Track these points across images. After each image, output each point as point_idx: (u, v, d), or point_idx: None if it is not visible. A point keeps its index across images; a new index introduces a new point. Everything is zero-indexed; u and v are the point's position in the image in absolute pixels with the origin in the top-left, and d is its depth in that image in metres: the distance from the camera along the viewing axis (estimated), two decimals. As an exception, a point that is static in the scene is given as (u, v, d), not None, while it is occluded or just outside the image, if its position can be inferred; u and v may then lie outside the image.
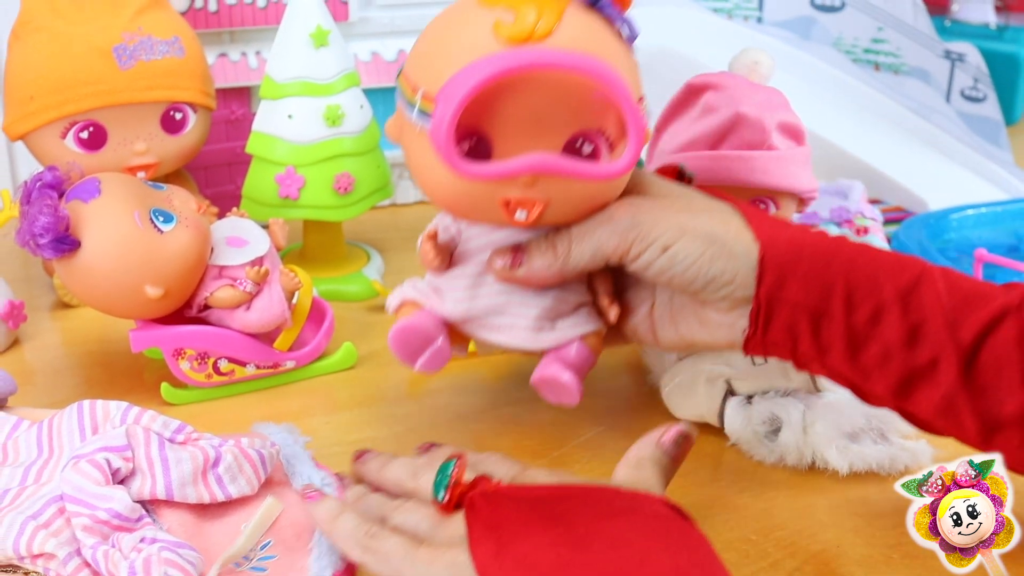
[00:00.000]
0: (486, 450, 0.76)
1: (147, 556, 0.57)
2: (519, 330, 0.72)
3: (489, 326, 0.73)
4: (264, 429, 0.71)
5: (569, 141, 0.67)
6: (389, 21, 1.10)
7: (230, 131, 1.08)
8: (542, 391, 0.74)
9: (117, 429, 0.64)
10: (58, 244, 0.74)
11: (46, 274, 1.00)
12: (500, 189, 0.66)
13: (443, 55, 0.65)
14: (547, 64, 0.63)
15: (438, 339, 0.72)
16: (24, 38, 0.90)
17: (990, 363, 0.62)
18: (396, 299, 0.75)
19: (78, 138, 0.90)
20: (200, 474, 0.63)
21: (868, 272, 0.65)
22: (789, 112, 0.87)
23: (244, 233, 0.84)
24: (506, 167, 0.65)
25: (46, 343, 0.92)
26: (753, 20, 1.27)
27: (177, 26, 0.93)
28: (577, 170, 0.65)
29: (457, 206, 0.69)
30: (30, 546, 0.59)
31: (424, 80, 0.66)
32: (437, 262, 0.71)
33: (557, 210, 0.67)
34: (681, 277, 0.67)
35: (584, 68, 0.63)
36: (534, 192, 0.66)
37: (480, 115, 0.64)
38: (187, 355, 0.81)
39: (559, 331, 0.72)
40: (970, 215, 1.10)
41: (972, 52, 1.22)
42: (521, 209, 0.67)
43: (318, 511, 0.64)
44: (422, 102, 0.65)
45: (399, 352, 0.72)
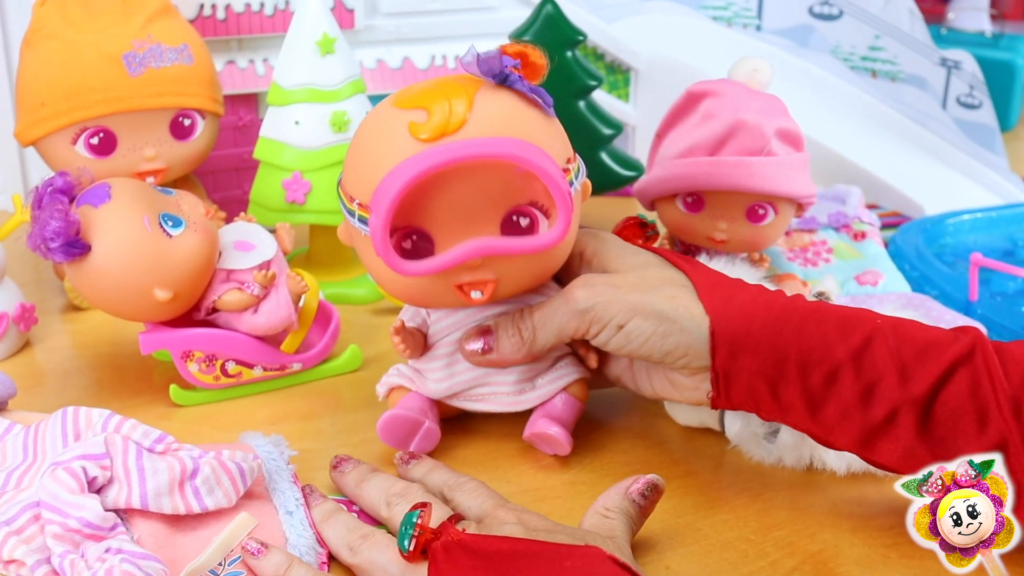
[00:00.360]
0: (487, 451, 0.76)
1: (109, 567, 0.56)
2: (502, 396, 0.75)
3: (473, 397, 0.76)
4: (251, 440, 0.71)
5: (505, 218, 0.68)
6: (394, 29, 1.10)
7: (238, 137, 1.07)
8: (535, 444, 0.76)
9: (97, 437, 0.63)
10: (69, 248, 0.74)
11: (57, 277, 1.00)
12: (451, 276, 0.68)
13: (369, 163, 0.67)
14: (463, 157, 0.64)
15: (424, 424, 0.74)
16: (36, 45, 0.90)
17: (946, 415, 0.63)
18: (384, 387, 0.78)
19: (88, 144, 0.90)
20: (177, 485, 0.63)
21: (819, 336, 0.66)
22: (788, 119, 0.87)
23: (251, 237, 0.83)
24: (445, 260, 0.66)
25: (57, 345, 0.91)
26: (752, 28, 1.27)
27: (186, 34, 0.93)
28: (514, 247, 0.67)
29: (415, 298, 0.72)
30: (1, 552, 0.58)
31: (357, 191, 0.68)
32: (409, 352, 0.74)
33: (509, 283, 0.70)
34: (638, 351, 0.69)
35: (499, 153, 0.64)
36: (483, 273, 0.68)
37: (414, 213, 0.66)
38: (195, 357, 0.81)
39: (541, 388, 0.75)
40: (966, 220, 1.10)
41: (968, 60, 1.21)
42: (475, 290, 0.69)
43: (315, 512, 0.67)
44: (359, 210, 0.67)
45: (390, 442, 0.75)
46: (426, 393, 0.76)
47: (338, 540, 0.64)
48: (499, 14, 1.11)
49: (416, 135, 0.65)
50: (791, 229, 1.04)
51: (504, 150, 0.64)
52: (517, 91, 0.67)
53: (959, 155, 1.21)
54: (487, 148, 0.64)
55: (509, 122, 0.66)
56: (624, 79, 1.22)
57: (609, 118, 1.04)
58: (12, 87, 1.08)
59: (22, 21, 0.99)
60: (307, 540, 0.65)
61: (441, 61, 1.11)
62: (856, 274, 0.98)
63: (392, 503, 0.66)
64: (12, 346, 0.89)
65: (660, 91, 1.18)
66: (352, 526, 0.65)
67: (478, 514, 0.64)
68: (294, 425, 0.79)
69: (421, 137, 0.65)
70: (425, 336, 0.75)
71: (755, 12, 1.26)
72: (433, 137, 0.65)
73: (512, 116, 0.66)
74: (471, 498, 0.66)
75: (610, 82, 1.21)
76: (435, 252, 0.67)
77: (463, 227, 0.67)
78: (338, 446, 0.77)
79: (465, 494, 0.67)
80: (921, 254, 1.00)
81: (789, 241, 1.03)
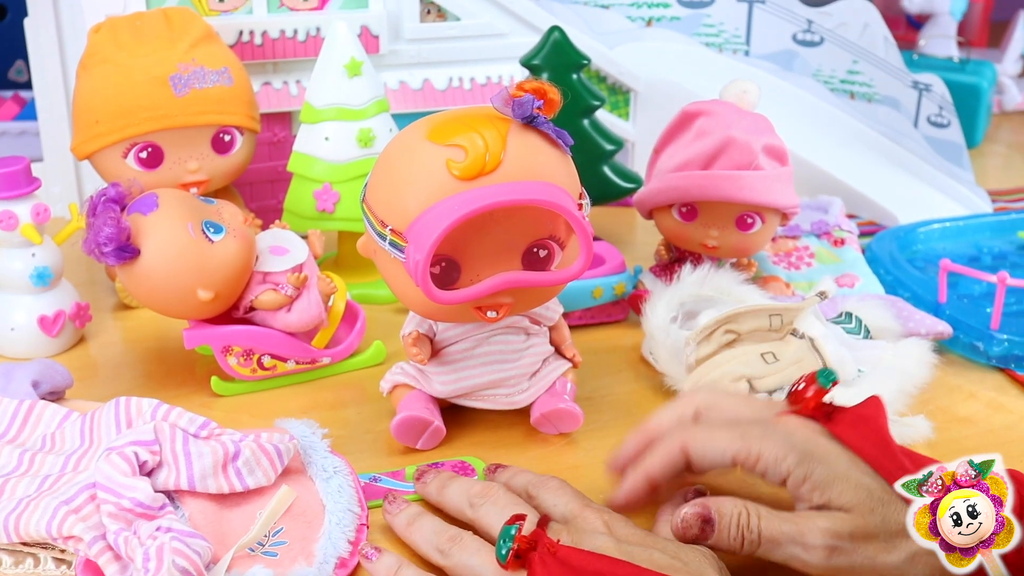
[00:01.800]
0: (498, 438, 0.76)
1: (160, 544, 0.57)
2: (502, 397, 0.76)
3: (476, 397, 0.76)
4: (286, 424, 0.71)
5: (526, 250, 0.68)
6: (416, 53, 1.10)
7: (273, 151, 1.08)
8: (544, 428, 0.76)
9: (147, 424, 0.64)
10: (120, 252, 0.74)
11: (109, 279, 1.00)
12: (474, 300, 0.68)
13: (405, 194, 0.66)
14: (503, 203, 0.64)
15: (433, 424, 0.74)
16: (91, 69, 0.90)
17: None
18: (388, 384, 0.78)
19: (138, 157, 0.90)
20: (220, 467, 0.63)
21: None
22: (774, 136, 0.87)
23: (285, 243, 0.84)
24: (478, 291, 0.67)
25: (109, 340, 0.92)
26: (741, 53, 1.27)
27: (227, 58, 0.93)
28: (539, 281, 0.68)
29: (436, 315, 0.71)
30: (60, 528, 0.59)
31: (389, 217, 0.66)
32: (423, 358, 0.73)
33: (522, 304, 0.71)
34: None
35: (536, 200, 0.64)
36: (502, 297, 0.68)
37: (446, 244, 0.65)
38: (234, 352, 0.81)
39: (536, 384, 0.76)
40: (936, 229, 1.09)
41: (937, 83, 1.21)
42: (491, 310, 0.69)
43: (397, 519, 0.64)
44: (392, 236, 0.66)
45: (402, 440, 0.75)
46: (430, 392, 0.76)
47: (427, 544, 0.61)
48: (511, 40, 1.11)
49: (454, 172, 0.64)
50: (776, 235, 1.03)
51: (539, 196, 0.64)
52: (543, 132, 0.67)
53: (930, 170, 1.21)
54: (524, 194, 0.64)
55: (537, 164, 0.66)
56: (624, 99, 1.22)
57: (611, 135, 1.04)
58: (69, 106, 1.09)
59: (78, 47, 1.00)
60: (344, 503, 0.65)
61: (458, 83, 1.11)
62: (835, 277, 0.98)
63: (476, 504, 0.63)
64: (68, 341, 0.90)
65: (657, 110, 1.18)
66: (438, 529, 0.62)
67: (563, 513, 0.62)
68: (323, 413, 0.79)
69: (459, 174, 0.64)
70: (432, 340, 0.75)
71: (744, 39, 1.26)
72: (470, 176, 0.64)
73: (539, 158, 0.66)
74: (555, 496, 0.63)
75: (612, 102, 1.21)
76: (461, 277, 0.67)
77: (490, 258, 0.67)
78: (363, 432, 0.77)
79: (549, 492, 0.64)
80: (895, 259, 1.00)
81: (775, 247, 1.03)
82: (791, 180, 0.88)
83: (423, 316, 0.73)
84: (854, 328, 0.83)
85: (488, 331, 0.74)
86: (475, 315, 0.69)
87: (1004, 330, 0.87)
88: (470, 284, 0.67)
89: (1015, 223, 1.11)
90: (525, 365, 0.75)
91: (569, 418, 0.75)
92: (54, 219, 0.93)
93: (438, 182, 0.64)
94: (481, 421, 0.78)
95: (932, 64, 1.42)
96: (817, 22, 1.25)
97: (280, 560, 0.61)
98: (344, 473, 0.67)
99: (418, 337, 0.74)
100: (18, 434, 0.70)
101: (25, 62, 1.35)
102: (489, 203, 0.63)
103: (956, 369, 0.87)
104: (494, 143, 0.64)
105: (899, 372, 0.78)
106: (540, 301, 0.72)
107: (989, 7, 1.68)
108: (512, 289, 0.68)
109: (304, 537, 0.63)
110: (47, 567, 0.63)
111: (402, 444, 0.75)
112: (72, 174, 1.14)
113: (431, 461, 0.73)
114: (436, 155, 0.65)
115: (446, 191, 0.64)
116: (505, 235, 0.67)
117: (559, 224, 0.67)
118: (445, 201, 0.63)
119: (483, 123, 0.65)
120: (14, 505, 0.61)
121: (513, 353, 0.75)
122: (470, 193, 0.63)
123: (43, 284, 0.87)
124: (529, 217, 0.66)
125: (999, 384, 0.86)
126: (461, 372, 0.75)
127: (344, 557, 0.62)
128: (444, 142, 0.65)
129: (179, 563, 0.56)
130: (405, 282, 0.67)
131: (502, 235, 0.66)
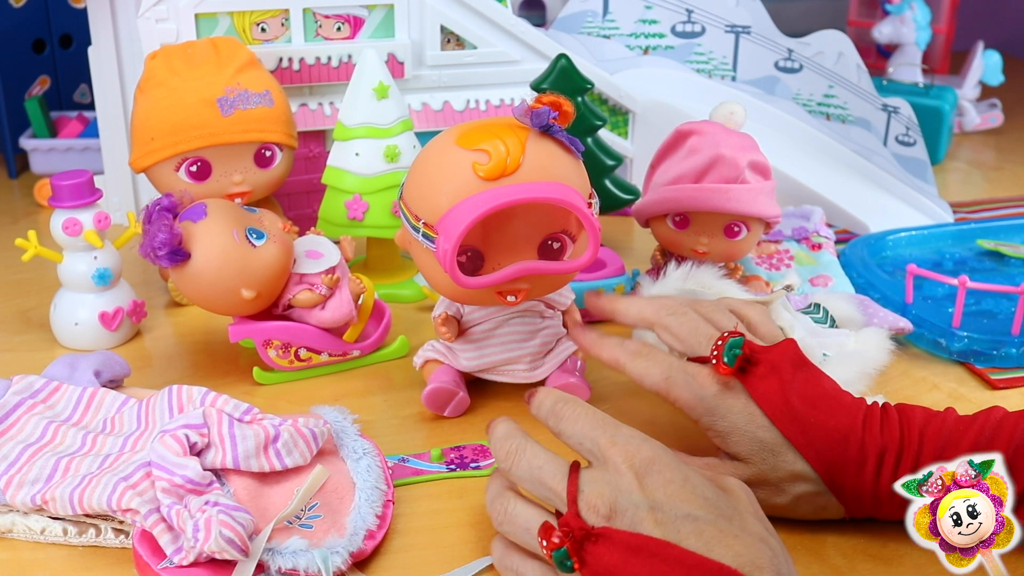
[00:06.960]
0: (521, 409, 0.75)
1: (208, 516, 0.57)
2: (520, 372, 0.78)
3: (496, 372, 0.78)
4: (320, 410, 0.71)
5: (542, 242, 0.69)
6: (437, 78, 1.10)
7: (309, 166, 1.08)
8: None
9: (197, 410, 0.64)
10: (172, 256, 0.74)
11: (162, 279, 1.00)
12: (495, 286, 0.69)
13: (437, 192, 0.67)
14: (521, 200, 0.65)
15: (459, 394, 0.76)
16: (147, 91, 0.90)
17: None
18: (420, 359, 0.79)
19: (188, 171, 0.90)
20: (262, 448, 0.63)
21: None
22: (758, 153, 0.86)
23: (320, 247, 0.84)
24: (499, 277, 0.68)
25: (162, 334, 0.92)
26: (729, 78, 1.27)
27: (268, 82, 0.93)
28: (553, 269, 0.69)
29: (463, 298, 0.73)
30: (119, 502, 0.59)
31: (424, 213, 0.68)
32: (450, 336, 0.75)
33: (538, 290, 0.72)
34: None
35: (550, 198, 0.66)
36: (520, 284, 0.70)
37: (472, 236, 0.67)
38: (274, 345, 0.81)
39: (550, 362, 0.78)
40: (903, 236, 1.09)
41: (904, 106, 1.21)
42: (511, 295, 0.70)
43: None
44: (425, 229, 0.68)
45: (431, 408, 0.76)
46: (457, 367, 0.77)
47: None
48: (522, 66, 1.11)
49: (479, 173, 0.65)
50: (760, 240, 1.03)
51: (553, 195, 0.66)
52: (558, 139, 0.68)
53: (897, 184, 1.20)
54: (540, 192, 0.65)
55: (553, 167, 0.67)
56: (624, 120, 1.21)
57: (612, 151, 1.04)
58: (127, 125, 1.09)
59: (136, 72, 1.00)
60: (372, 481, 0.65)
61: (474, 104, 1.11)
62: (811, 277, 0.98)
63: (504, 468, 0.58)
64: (126, 335, 0.90)
65: (653, 130, 1.17)
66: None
67: (591, 450, 0.54)
68: (353, 400, 0.79)
69: (483, 175, 0.65)
70: (459, 321, 0.76)
71: (731, 66, 1.26)
72: (493, 177, 0.65)
73: (554, 162, 0.67)
74: (575, 426, 0.56)
75: (613, 122, 1.21)
76: (484, 265, 0.69)
77: (510, 248, 0.69)
78: (389, 417, 0.77)
79: (568, 423, 0.56)
80: (866, 264, 1.00)
81: (758, 250, 1.03)
82: (774, 193, 0.87)
83: (451, 299, 0.74)
84: (821, 318, 0.83)
85: (508, 314, 0.75)
86: (496, 299, 0.70)
87: (964, 328, 0.87)
88: (492, 272, 0.69)
89: (974, 232, 1.11)
90: (540, 344, 0.77)
91: (579, 391, 0.76)
92: (114, 226, 0.93)
93: (465, 181, 0.66)
94: (501, 394, 0.79)
95: (900, 89, 1.41)
96: (797, 51, 1.24)
97: (315, 532, 0.61)
98: (372, 454, 0.67)
99: (447, 318, 0.75)
100: (82, 418, 0.70)
101: (88, 86, 1.36)
102: (509, 200, 0.65)
103: (921, 363, 0.87)
104: (515, 148, 0.66)
105: (860, 357, 0.78)
106: (553, 288, 0.73)
107: (951, 38, 1.68)
108: (529, 276, 0.69)
109: (336, 511, 0.63)
110: (107, 536, 0.63)
111: (431, 411, 0.76)
112: (130, 186, 1.14)
113: (452, 445, 0.73)
114: (464, 158, 0.66)
115: (472, 189, 0.65)
116: (523, 229, 0.68)
117: (571, 220, 0.69)
118: (471, 198, 0.65)
119: (505, 131, 0.67)
120: (79, 481, 0.62)
121: (530, 333, 0.76)
122: (493, 191, 0.65)
123: (104, 284, 0.87)
124: (544, 213, 0.68)
125: (959, 376, 0.85)
126: (484, 349, 0.76)
127: (372, 529, 0.62)
128: (471, 147, 0.66)
129: (225, 533, 0.56)
130: (436, 269, 0.69)
131: (521, 229, 0.68)
